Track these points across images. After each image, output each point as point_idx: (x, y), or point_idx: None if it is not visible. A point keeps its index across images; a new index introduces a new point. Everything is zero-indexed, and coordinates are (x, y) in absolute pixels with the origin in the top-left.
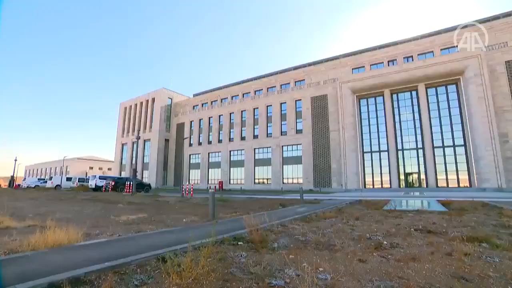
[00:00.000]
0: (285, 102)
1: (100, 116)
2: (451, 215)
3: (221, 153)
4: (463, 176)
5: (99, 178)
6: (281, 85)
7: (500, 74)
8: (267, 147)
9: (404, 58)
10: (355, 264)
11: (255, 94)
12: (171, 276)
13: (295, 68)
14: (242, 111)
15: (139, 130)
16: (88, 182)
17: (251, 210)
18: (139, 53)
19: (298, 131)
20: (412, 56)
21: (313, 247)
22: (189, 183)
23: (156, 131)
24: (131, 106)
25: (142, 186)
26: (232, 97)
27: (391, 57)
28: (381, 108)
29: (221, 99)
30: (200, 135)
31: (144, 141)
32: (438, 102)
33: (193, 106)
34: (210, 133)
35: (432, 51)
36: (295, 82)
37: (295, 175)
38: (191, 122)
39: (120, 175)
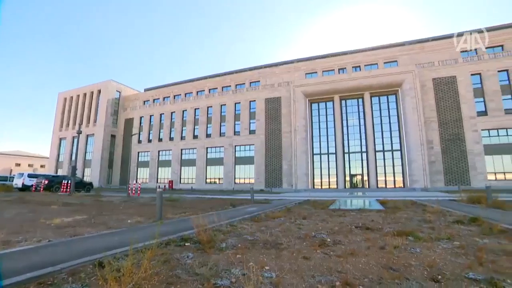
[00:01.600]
0: (240, 102)
1: (31, 106)
2: (386, 213)
3: (172, 151)
4: (399, 178)
5: (28, 176)
6: (236, 85)
7: (429, 89)
8: (220, 147)
9: (353, 67)
10: (300, 261)
11: (209, 92)
12: (109, 283)
13: (251, 69)
14: (195, 109)
15: (80, 124)
16: (12, 181)
17: (201, 210)
18: (86, 42)
19: (252, 132)
20: (360, 66)
21: (260, 246)
22: (136, 182)
23: (101, 125)
24: (72, 97)
25: (82, 185)
26: (185, 94)
27: (342, 66)
28: (330, 112)
29: (174, 96)
30: (150, 132)
31: (87, 136)
32: (380, 109)
33: (144, 101)
34: (161, 130)
35: (377, 63)
36: (250, 83)
37: (247, 175)
38: (141, 118)
39: (56, 173)
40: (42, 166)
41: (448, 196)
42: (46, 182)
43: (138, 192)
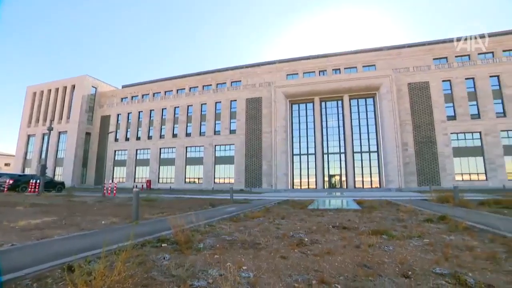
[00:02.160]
0: (220, 102)
1: None
2: (363, 213)
3: (151, 150)
4: (375, 178)
5: None
6: (217, 84)
7: (404, 93)
8: (200, 146)
9: (333, 70)
10: (277, 260)
11: (190, 91)
12: (78, 287)
13: (232, 68)
14: (175, 108)
15: (52, 120)
16: None
17: (179, 210)
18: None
19: (232, 131)
20: (339, 69)
21: (238, 246)
22: (112, 181)
23: (75, 122)
24: (42, 92)
25: (53, 185)
26: (165, 92)
27: (322, 68)
28: (311, 114)
29: (153, 93)
30: (128, 130)
31: (59, 133)
32: (358, 112)
33: (122, 99)
34: (139, 129)
35: (356, 67)
36: (231, 82)
37: (227, 175)
38: (118, 115)
39: (23, 172)
40: (6, 165)
41: (421, 196)
42: (11, 181)
43: (114, 192)
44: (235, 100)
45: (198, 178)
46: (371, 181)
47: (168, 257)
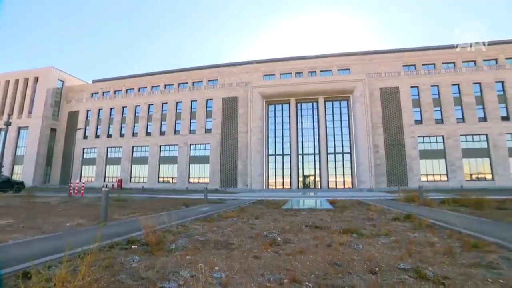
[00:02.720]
0: (196, 100)
1: None
2: (335, 212)
3: (123, 149)
4: (348, 179)
5: None
6: (193, 82)
7: (376, 97)
8: (174, 145)
9: (309, 72)
10: (250, 260)
11: (165, 88)
12: None
13: (209, 67)
14: (149, 105)
15: (10, 114)
16: None
17: (151, 210)
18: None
19: (207, 131)
20: (316, 72)
21: (211, 247)
22: (80, 181)
23: (38, 117)
24: None
25: (10, 185)
26: (139, 88)
27: (299, 70)
28: (286, 114)
29: (126, 90)
30: (99, 127)
31: (19, 128)
32: (333, 114)
33: (92, 94)
34: (110, 126)
35: (331, 70)
36: (207, 81)
37: (202, 174)
38: (88, 111)
39: None
40: None
41: (390, 196)
42: None
43: (82, 191)
44: (211, 99)
45: (172, 178)
46: (344, 181)
47: (137, 259)
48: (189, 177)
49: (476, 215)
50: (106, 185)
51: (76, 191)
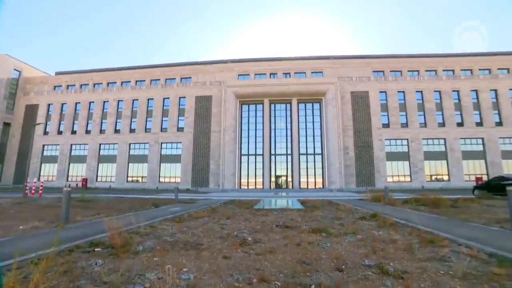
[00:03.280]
0: (169, 98)
1: None
2: (305, 212)
3: (89, 146)
4: (319, 179)
5: None
6: (166, 79)
7: (347, 101)
8: (145, 143)
9: (283, 73)
10: (220, 261)
11: (136, 84)
12: None
13: (183, 64)
14: (118, 101)
15: None
16: None
17: (118, 211)
18: None
19: (180, 129)
20: (290, 73)
21: (180, 248)
22: (38, 180)
23: None
24: None
25: None
26: (108, 83)
27: (273, 71)
28: (260, 115)
29: (94, 84)
30: (62, 122)
31: None
32: (306, 115)
33: (54, 87)
34: (75, 122)
35: (305, 72)
36: (181, 78)
37: (173, 173)
38: (49, 105)
39: None
40: None
41: (358, 196)
42: None
43: (40, 192)
44: (185, 97)
45: (142, 177)
46: (315, 181)
47: (101, 263)
48: (159, 177)
49: (434, 213)
50: (69, 185)
51: (33, 191)
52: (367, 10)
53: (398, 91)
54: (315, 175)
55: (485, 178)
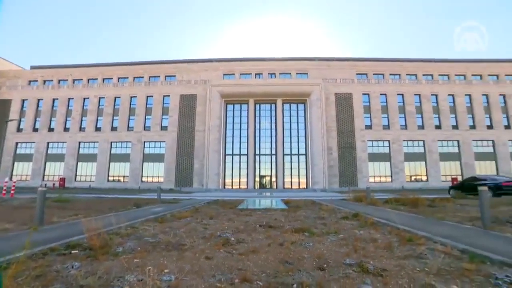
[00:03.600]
0: (152, 96)
1: None
2: (289, 212)
3: (67, 144)
4: (303, 179)
5: None
6: (149, 77)
7: (331, 102)
8: (127, 142)
9: (269, 73)
10: (202, 261)
11: (118, 81)
12: None
13: (168, 62)
14: (100, 98)
15: None
16: None
17: (97, 211)
18: None
19: (163, 128)
20: (275, 74)
21: (162, 248)
22: (11, 179)
23: None
24: None
25: None
26: (88, 79)
27: (259, 71)
28: (245, 115)
29: (74, 80)
30: (38, 119)
31: None
32: (290, 116)
33: (30, 81)
34: (52, 119)
35: (290, 73)
36: (165, 76)
37: (156, 173)
38: (23, 100)
39: None
40: None
41: (341, 196)
42: None
43: (12, 192)
44: (169, 96)
45: (124, 176)
46: (299, 182)
47: (77, 265)
48: (142, 176)
49: (413, 212)
50: (45, 184)
51: (4, 192)
52: (352, 13)
53: (381, 94)
54: (299, 175)
55: (460, 178)
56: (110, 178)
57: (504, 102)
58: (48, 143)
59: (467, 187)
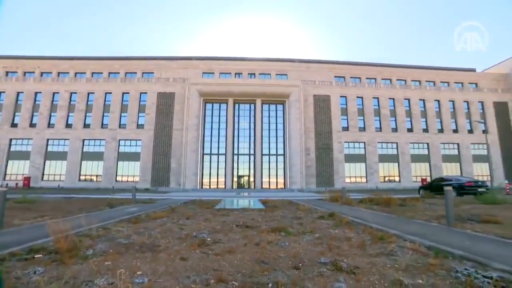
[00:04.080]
0: (129, 93)
1: None
2: (266, 212)
3: (33, 141)
4: (281, 180)
5: None
6: (126, 73)
7: (310, 103)
8: (101, 139)
9: (248, 73)
10: (177, 262)
11: (92, 76)
12: None
13: (145, 58)
14: (71, 93)
15: None
16: None
17: (66, 212)
18: None
19: (140, 126)
20: (255, 74)
21: (136, 250)
22: None
23: None
24: None
25: None
26: (59, 73)
27: (239, 70)
28: (224, 114)
29: (41, 73)
30: None
31: None
32: (269, 116)
33: None
34: (16, 113)
35: (270, 74)
36: (142, 73)
37: (131, 172)
38: None
39: None
40: None
41: (318, 196)
42: None
43: None
44: (146, 93)
45: (97, 176)
46: (277, 182)
47: (41, 270)
48: (116, 175)
49: (385, 211)
50: (6, 184)
51: None
52: (332, 17)
53: (357, 97)
54: (277, 175)
55: (429, 179)
56: (82, 178)
57: (467, 108)
58: (10, 139)
59: (435, 187)
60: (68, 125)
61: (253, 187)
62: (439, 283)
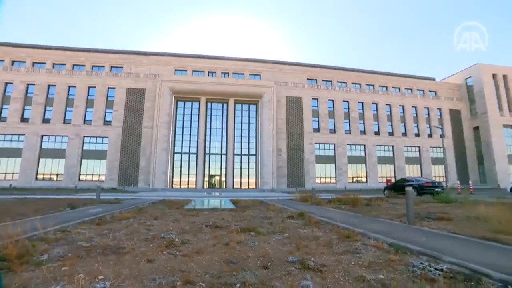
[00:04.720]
0: (95, 87)
1: None
2: (237, 212)
3: None
4: (252, 179)
5: None
6: (92, 66)
7: (283, 105)
8: (63, 136)
9: (222, 72)
10: (142, 265)
11: (53, 67)
12: None
13: (114, 52)
14: (28, 84)
15: None
16: None
17: (18, 215)
18: None
19: (107, 122)
20: (228, 73)
21: (98, 253)
22: None
23: None
24: None
25: None
26: (12, 62)
27: (212, 69)
28: (196, 113)
29: None
30: None
31: None
32: (242, 116)
33: None
34: None
35: (244, 74)
36: (111, 67)
37: (97, 171)
38: None
39: None
40: None
41: (288, 196)
42: None
43: None
44: (114, 88)
45: (57, 174)
46: (248, 182)
47: None
48: (80, 174)
49: (352, 211)
50: None
51: None
52: (307, 20)
53: (328, 99)
54: (248, 175)
55: (393, 180)
56: (40, 177)
57: (428, 114)
58: None
59: (398, 187)
60: (24, 119)
61: (224, 187)
62: (397, 277)
